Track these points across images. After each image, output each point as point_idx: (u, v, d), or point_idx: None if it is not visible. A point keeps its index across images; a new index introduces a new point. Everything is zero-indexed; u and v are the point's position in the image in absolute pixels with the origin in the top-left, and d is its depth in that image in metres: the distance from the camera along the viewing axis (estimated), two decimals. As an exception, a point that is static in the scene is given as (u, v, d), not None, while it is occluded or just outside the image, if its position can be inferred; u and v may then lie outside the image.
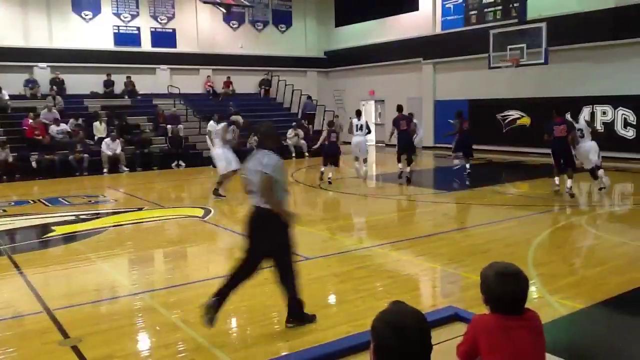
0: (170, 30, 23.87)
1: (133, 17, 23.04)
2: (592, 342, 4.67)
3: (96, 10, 22.14)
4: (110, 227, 9.41)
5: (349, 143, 14.31)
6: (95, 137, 17.94)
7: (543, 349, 2.72)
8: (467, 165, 14.28)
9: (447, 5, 22.06)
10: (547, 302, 5.17)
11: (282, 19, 26.93)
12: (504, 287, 2.57)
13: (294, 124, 21.03)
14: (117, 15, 22.68)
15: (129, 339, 4.70)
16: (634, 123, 16.34)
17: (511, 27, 17.79)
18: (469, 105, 20.00)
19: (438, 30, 22.45)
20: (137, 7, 23.08)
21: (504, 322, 2.61)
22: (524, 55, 17.12)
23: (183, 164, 18.39)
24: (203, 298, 5.54)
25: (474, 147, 14.81)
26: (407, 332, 1.82)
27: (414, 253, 7.10)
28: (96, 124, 18.36)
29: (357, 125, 13.74)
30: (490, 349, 2.58)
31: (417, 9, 23.32)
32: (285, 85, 25.07)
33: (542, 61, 16.78)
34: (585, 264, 6.37)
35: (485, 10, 20.47)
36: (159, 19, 23.63)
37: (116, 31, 22.66)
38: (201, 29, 24.49)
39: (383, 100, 25.36)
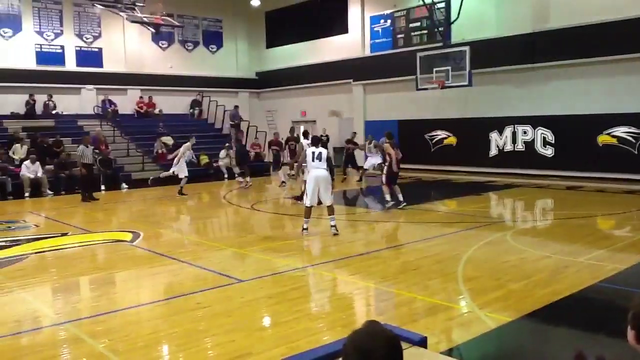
0: (97, 50, 23.26)
1: (57, 35, 22.30)
2: (521, 353, 4.83)
3: (17, 28, 21.30)
4: (31, 253, 8.93)
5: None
6: (16, 160, 17.09)
7: None
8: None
9: (375, 29, 22.63)
10: (476, 316, 5.31)
11: (213, 40, 26.81)
12: None
13: (227, 144, 20.81)
14: (40, 33, 21.90)
15: (53, 372, 4.46)
16: (552, 142, 17.22)
17: (436, 50, 18.47)
18: (398, 125, 20.47)
19: (367, 52, 22.98)
20: (61, 25, 22.38)
21: None
22: (449, 77, 17.82)
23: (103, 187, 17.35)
24: (132, 326, 5.37)
25: (403, 166, 14.66)
26: (374, 356, 1.74)
27: (347, 272, 7.14)
28: (16, 146, 17.52)
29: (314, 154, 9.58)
30: None
31: (346, 31, 23.81)
32: (217, 106, 24.87)
33: (466, 83, 17.52)
34: (512, 277, 6.60)
35: (412, 33, 21.15)
36: (84, 38, 22.97)
37: (38, 49, 21.86)
38: (129, 48, 23.99)
39: (315, 121, 25.61)
